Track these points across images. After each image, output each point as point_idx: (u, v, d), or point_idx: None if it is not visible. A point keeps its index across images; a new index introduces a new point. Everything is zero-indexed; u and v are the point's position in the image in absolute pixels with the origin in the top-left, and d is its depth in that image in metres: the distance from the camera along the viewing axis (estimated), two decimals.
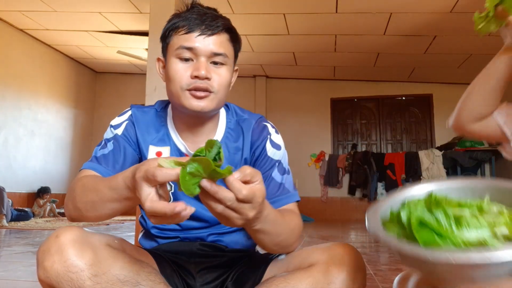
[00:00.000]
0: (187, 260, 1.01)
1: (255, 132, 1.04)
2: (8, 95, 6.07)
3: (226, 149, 1.03)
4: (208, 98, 0.94)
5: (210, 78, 0.93)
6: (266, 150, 1.02)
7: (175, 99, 0.96)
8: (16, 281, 1.75)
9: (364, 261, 0.89)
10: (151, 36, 3.55)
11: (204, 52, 0.93)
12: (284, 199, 0.98)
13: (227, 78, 0.96)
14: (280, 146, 1.04)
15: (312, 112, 7.66)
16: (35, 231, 4.15)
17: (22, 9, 5.41)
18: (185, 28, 0.94)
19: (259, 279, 0.95)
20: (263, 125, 1.05)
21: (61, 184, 7.27)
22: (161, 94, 3.37)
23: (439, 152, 6.48)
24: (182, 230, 1.03)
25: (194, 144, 1.03)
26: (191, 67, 0.93)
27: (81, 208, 0.85)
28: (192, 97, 0.93)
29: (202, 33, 0.93)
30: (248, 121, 1.05)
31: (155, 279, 0.84)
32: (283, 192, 0.99)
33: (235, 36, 1.00)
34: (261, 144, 1.03)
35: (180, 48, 0.94)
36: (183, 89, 0.93)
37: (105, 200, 0.80)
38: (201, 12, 0.96)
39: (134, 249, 0.94)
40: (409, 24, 5.14)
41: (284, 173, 1.02)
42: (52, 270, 0.75)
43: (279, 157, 1.03)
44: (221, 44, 0.95)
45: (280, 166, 1.02)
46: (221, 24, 0.95)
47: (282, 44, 6.00)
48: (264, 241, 0.84)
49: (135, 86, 7.83)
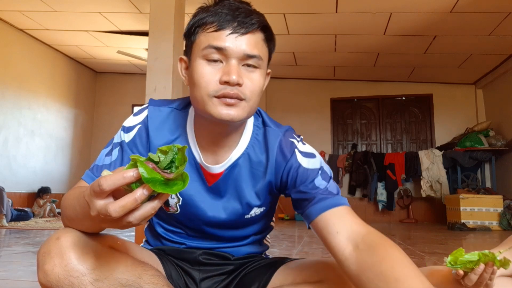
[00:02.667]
0: (191, 267, 0.99)
1: (282, 151, 0.91)
2: (8, 95, 6.07)
3: (249, 163, 0.92)
4: (239, 107, 0.81)
5: (242, 84, 0.80)
6: (300, 164, 0.90)
7: (200, 106, 0.83)
8: (16, 281, 1.75)
9: None
10: (151, 36, 3.55)
11: (235, 54, 0.80)
12: (332, 200, 0.85)
13: (260, 84, 0.84)
14: (313, 153, 0.93)
15: (312, 112, 7.66)
16: (35, 231, 4.15)
17: (22, 9, 5.41)
18: (214, 24, 0.81)
19: (264, 284, 0.92)
20: (290, 142, 0.93)
21: (61, 184, 7.26)
22: (161, 94, 3.37)
23: (439, 152, 6.48)
24: (188, 237, 1.00)
25: (213, 156, 0.92)
26: (220, 71, 0.81)
27: (66, 222, 0.82)
28: (220, 105, 0.80)
29: (234, 32, 0.80)
30: (275, 134, 0.93)
31: (158, 282, 0.82)
32: (328, 195, 0.86)
33: (271, 35, 0.87)
34: (289, 161, 0.90)
35: (208, 47, 0.81)
36: (210, 96, 0.80)
37: (79, 218, 0.75)
38: (233, 7, 0.82)
39: (138, 250, 0.92)
40: (409, 24, 5.14)
41: (329, 180, 0.90)
42: (53, 274, 0.74)
43: (318, 165, 0.91)
44: (256, 45, 0.82)
45: (323, 173, 0.90)
46: (256, 21, 0.82)
47: (282, 44, 5.99)
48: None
49: (135, 86, 7.83)
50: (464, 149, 6.22)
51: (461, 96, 7.29)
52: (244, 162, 0.93)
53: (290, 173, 0.90)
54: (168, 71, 3.42)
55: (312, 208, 0.85)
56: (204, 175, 0.93)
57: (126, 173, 0.58)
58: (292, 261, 0.96)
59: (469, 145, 6.22)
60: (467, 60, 6.22)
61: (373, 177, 6.85)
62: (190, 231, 1.00)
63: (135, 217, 0.60)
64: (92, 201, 0.61)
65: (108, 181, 0.58)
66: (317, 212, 0.84)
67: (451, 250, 0.98)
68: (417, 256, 2.69)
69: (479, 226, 5.16)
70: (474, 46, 5.70)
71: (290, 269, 0.92)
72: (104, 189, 0.58)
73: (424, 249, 3.07)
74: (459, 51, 5.93)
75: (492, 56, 6.04)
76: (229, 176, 0.93)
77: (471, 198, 5.36)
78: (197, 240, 1.00)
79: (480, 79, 6.99)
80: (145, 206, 0.60)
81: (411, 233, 4.72)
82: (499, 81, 6.54)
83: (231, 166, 0.92)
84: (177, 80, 3.47)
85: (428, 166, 6.41)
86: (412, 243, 3.52)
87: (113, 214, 0.58)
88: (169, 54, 3.45)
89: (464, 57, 6.15)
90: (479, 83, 7.08)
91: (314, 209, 0.84)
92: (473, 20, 4.88)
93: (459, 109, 7.23)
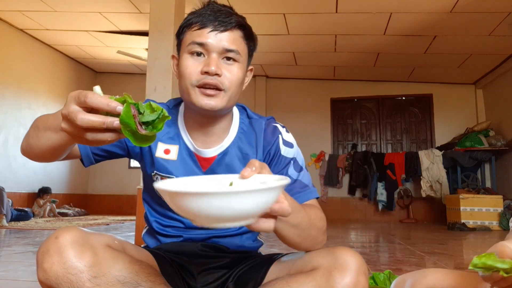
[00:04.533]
0: (189, 261, 1.01)
1: (267, 133, 1.03)
2: (8, 94, 6.07)
3: (239, 151, 1.02)
4: (219, 96, 0.92)
5: (221, 75, 0.91)
6: (280, 149, 1.01)
7: (186, 96, 0.95)
8: (16, 281, 1.75)
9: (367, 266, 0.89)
10: (151, 36, 3.55)
11: (215, 48, 0.91)
12: (303, 196, 0.98)
13: (238, 76, 0.94)
14: (293, 144, 1.04)
15: (312, 112, 7.66)
16: (35, 231, 4.15)
17: (22, 9, 5.41)
18: (198, 24, 0.93)
19: (261, 281, 0.95)
20: (273, 126, 1.05)
21: (61, 184, 7.27)
22: (161, 94, 3.37)
23: (439, 152, 6.47)
24: (185, 229, 1.03)
25: (204, 144, 1.01)
26: (202, 63, 0.92)
27: (29, 136, 0.87)
28: (201, 95, 0.91)
29: (214, 29, 0.92)
30: (259, 122, 1.05)
31: (155, 280, 0.84)
32: (301, 189, 0.98)
33: (249, 33, 0.98)
34: (274, 144, 1.02)
35: (192, 43, 0.93)
36: (193, 85, 0.92)
37: (45, 128, 0.81)
38: (215, 9, 0.94)
39: (134, 249, 0.93)
40: (409, 24, 5.14)
41: (300, 170, 1.01)
42: (52, 271, 0.75)
43: (293, 155, 1.02)
44: (234, 41, 0.93)
45: (295, 163, 1.02)
46: (235, 21, 0.94)
47: (282, 44, 6.00)
48: (284, 230, 0.81)
49: (135, 86, 7.83)
50: (464, 149, 6.22)
51: (461, 96, 7.29)
52: (235, 150, 1.02)
53: (271, 155, 1.02)
54: (168, 71, 3.42)
55: None
56: (198, 160, 1.01)
57: (111, 103, 0.63)
58: (286, 255, 0.99)
59: (469, 145, 6.22)
60: (467, 60, 6.22)
61: (373, 177, 6.85)
62: (187, 221, 1.02)
63: (93, 136, 0.65)
64: (70, 103, 0.65)
65: (94, 98, 0.63)
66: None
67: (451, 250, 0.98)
68: (417, 256, 2.69)
69: (479, 226, 5.16)
70: (474, 46, 5.70)
71: (284, 262, 0.95)
72: (87, 102, 0.63)
73: (424, 249, 3.07)
74: (459, 51, 5.93)
75: (492, 56, 6.04)
76: (221, 162, 1.01)
77: (471, 198, 5.36)
78: (193, 231, 1.02)
79: (480, 79, 7.00)
80: (105, 133, 0.66)
81: (411, 233, 4.72)
82: (499, 81, 6.54)
83: (223, 152, 1.01)
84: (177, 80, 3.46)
85: (428, 166, 6.41)
86: (412, 243, 3.52)
87: (78, 122, 0.63)
88: (169, 54, 3.45)
89: (464, 57, 6.15)
90: (479, 83, 7.08)
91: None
92: (473, 20, 4.88)
93: (459, 109, 7.23)
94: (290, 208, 0.68)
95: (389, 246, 3.40)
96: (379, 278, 1.56)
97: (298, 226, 0.83)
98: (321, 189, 7.32)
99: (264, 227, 0.68)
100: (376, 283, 1.55)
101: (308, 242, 0.89)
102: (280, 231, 0.81)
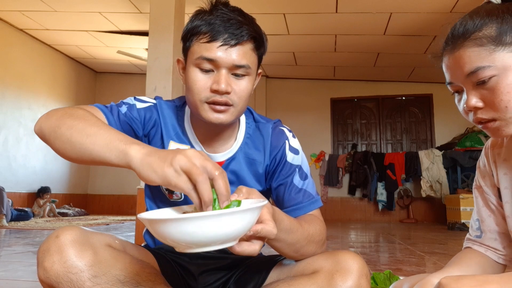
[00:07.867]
0: (189, 261, 1.01)
1: (274, 138, 1.02)
2: (8, 95, 6.07)
3: (246, 156, 1.01)
4: (228, 112, 0.90)
5: (230, 92, 0.89)
6: (286, 155, 1.00)
7: (194, 109, 0.93)
8: (16, 281, 1.75)
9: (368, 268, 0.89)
10: (151, 36, 3.56)
11: (225, 64, 0.88)
12: (307, 206, 0.97)
13: (247, 90, 0.92)
14: (298, 150, 1.02)
15: (312, 112, 7.66)
16: (35, 231, 4.15)
17: (22, 9, 5.41)
18: (207, 35, 0.88)
19: (262, 282, 0.94)
20: (280, 130, 1.03)
21: (61, 184, 7.27)
22: (161, 94, 3.37)
23: (439, 152, 6.47)
24: None
25: (211, 148, 1.00)
26: (211, 79, 0.89)
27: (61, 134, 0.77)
28: (211, 110, 0.90)
29: (224, 43, 0.87)
30: (266, 126, 1.03)
31: (156, 279, 0.84)
32: (306, 199, 0.98)
33: (261, 41, 0.94)
34: (280, 150, 1.00)
35: (201, 58, 0.88)
36: (202, 101, 0.89)
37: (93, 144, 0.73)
38: (225, 18, 0.88)
39: (135, 249, 0.93)
40: (409, 24, 5.14)
41: (305, 179, 1.00)
42: (52, 270, 0.75)
43: (298, 162, 1.01)
44: (244, 55, 0.89)
45: (301, 171, 1.01)
46: (246, 33, 0.89)
47: (282, 44, 6.00)
48: (280, 248, 0.84)
49: (135, 86, 7.82)
50: (464, 149, 6.22)
51: None
52: (242, 155, 1.01)
53: (277, 160, 1.01)
54: (168, 71, 3.42)
55: (291, 214, 0.95)
56: None
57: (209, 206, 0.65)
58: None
59: (469, 145, 6.22)
60: None
61: (373, 177, 6.85)
62: None
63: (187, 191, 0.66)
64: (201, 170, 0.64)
65: (207, 191, 0.63)
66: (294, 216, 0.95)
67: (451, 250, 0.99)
68: (417, 256, 2.69)
69: None
70: None
71: (286, 265, 0.95)
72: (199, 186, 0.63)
73: (424, 249, 3.07)
74: None
75: None
76: (229, 167, 1.01)
77: (471, 198, 5.36)
78: None
79: None
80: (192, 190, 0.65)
81: (411, 233, 4.72)
82: None
83: (230, 158, 1.01)
84: (177, 80, 3.47)
85: (428, 166, 6.41)
86: (412, 243, 3.52)
87: (199, 186, 0.63)
88: (169, 54, 3.45)
89: None
90: None
91: (292, 215, 0.94)
92: None
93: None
94: (275, 229, 0.69)
95: (389, 246, 3.40)
96: (379, 278, 1.56)
97: (295, 244, 0.85)
98: (321, 189, 7.33)
99: (249, 250, 0.69)
100: (376, 283, 1.54)
101: (306, 255, 0.91)
102: (276, 249, 0.83)
